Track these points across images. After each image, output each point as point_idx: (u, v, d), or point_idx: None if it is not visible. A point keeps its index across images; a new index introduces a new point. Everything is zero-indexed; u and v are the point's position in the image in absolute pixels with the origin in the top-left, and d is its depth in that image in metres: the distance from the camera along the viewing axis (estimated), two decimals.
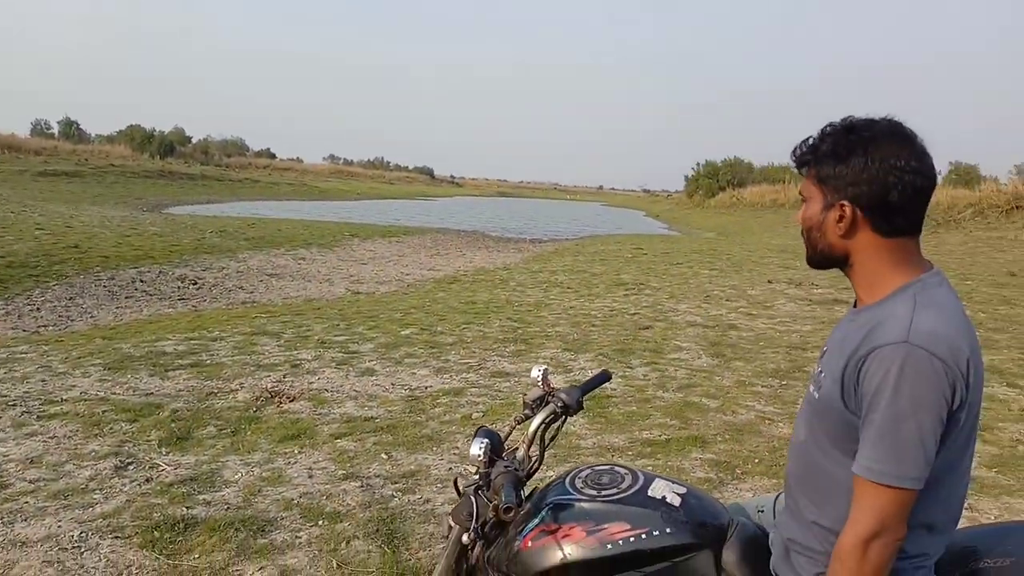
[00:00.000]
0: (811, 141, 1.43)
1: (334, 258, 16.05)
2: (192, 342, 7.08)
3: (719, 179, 51.13)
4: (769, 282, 12.60)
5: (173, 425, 4.80)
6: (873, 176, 1.34)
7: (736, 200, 43.71)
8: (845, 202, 1.37)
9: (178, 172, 46.03)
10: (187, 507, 3.69)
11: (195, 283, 11.63)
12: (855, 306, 1.49)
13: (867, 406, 1.31)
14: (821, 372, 1.47)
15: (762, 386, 6.07)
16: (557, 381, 2.04)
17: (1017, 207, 23.09)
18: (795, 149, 1.46)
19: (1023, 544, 1.50)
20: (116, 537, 3.37)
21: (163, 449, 4.42)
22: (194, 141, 73.21)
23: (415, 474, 4.14)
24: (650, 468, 4.24)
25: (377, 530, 3.48)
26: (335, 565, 3.19)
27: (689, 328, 8.50)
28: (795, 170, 1.47)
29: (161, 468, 4.15)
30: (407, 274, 14.12)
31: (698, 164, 55.65)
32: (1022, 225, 21.74)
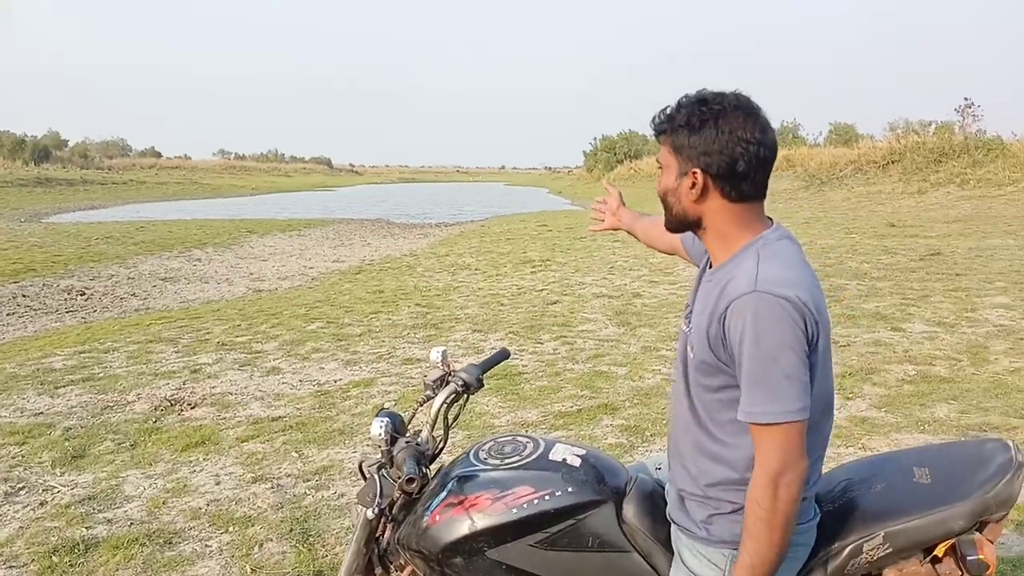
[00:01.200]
0: (668, 111, 1.48)
1: (232, 257, 15.52)
2: (83, 356, 6.71)
3: (616, 152, 52.15)
4: None
5: (67, 444, 4.54)
6: (723, 147, 1.41)
7: (634, 172, 44.69)
8: (697, 170, 1.45)
9: (56, 178, 43.33)
10: (87, 527, 3.51)
11: (83, 294, 11.00)
12: (710, 267, 1.57)
13: (737, 356, 1.38)
14: (691, 331, 1.53)
15: (667, 350, 6.24)
16: (472, 361, 2.04)
17: (892, 162, 24.50)
18: (653, 118, 1.52)
19: (893, 472, 1.60)
20: (10, 567, 3.17)
21: (57, 470, 4.18)
22: (71, 144, 68.86)
23: (327, 469, 4.07)
24: (564, 438, 4.31)
25: (291, 530, 3.41)
26: (249, 570, 3.10)
27: (595, 300, 8.65)
28: (654, 138, 1.53)
29: (56, 490, 3.92)
30: (310, 268, 13.80)
31: (595, 139, 56.60)
32: (898, 179, 23.09)
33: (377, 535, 1.88)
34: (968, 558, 1.40)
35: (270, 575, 3.05)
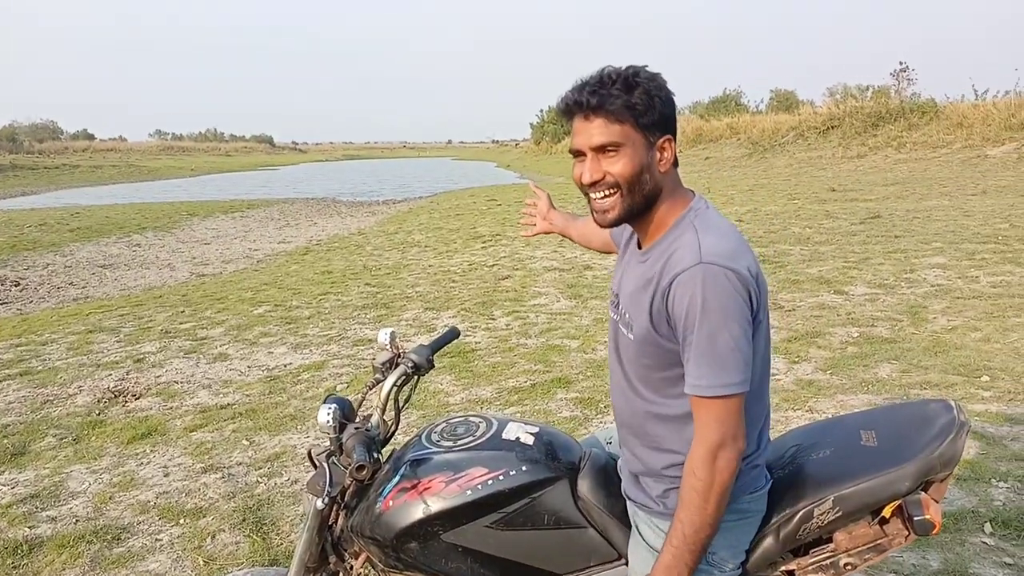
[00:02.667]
0: (611, 91, 1.39)
1: (173, 241, 15.10)
2: (19, 348, 6.47)
3: (563, 124, 52.07)
4: None
5: (5, 441, 4.39)
6: (673, 111, 1.45)
7: None
8: (669, 137, 1.44)
9: None
10: (30, 527, 3.40)
11: (17, 284, 10.60)
12: (638, 247, 1.55)
13: (682, 330, 1.38)
14: (626, 313, 1.53)
15: None
16: (423, 341, 2.00)
17: (832, 127, 25.01)
18: (590, 100, 1.40)
19: (840, 436, 1.63)
20: None
21: None
22: None
23: (280, 456, 4.00)
24: (518, 414, 4.32)
25: (244, 519, 3.35)
26: (201, 563, 3.04)
27: (547, 273, 8.66)
28: (583, 118, 1.42)
29: None
30: (256, 250, 13.51)
31: (542, 111, 56.40)
32: (838, 143, 23.60)
33: (330, 523, 1.84)
34: (915, 518, 1.44)
35: (224, 566, 2.99)
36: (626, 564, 1.62)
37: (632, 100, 1.38)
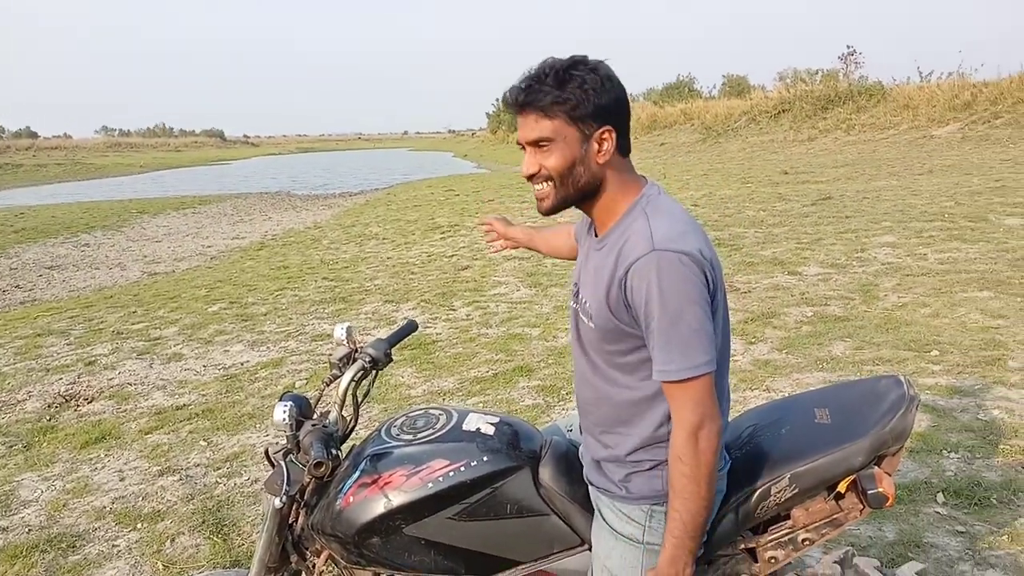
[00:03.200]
0: (544, 88, 1.39)
1: (123, 240, 14.74)
2: None
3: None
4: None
5: None
6: (616, 99, 1.42)
7: None
8: (607, 127, 1.43)
9: None
10: None
11: None
12: (595, 236, 1.55)
13: (644, 317, 1.38)
14: (586, 302, 1.53)
15: None
16: (382, 335, 1.98)
17: (783, 111, 25.42)
18: (525, 96, 1.41)
19: (796, 415, 1.66)
20: None
21: None
22: None
23: (239, 456, 3.94)
24: (480, 404, 4.31)
25: (203, 521, 3.29)
26: (160, 567, 2.98)
27: (506, 262, 8.65)
28: (518, 114, 1.44)
29: None
30: (209, 246, 13.25)
31: (498, 100, 56.28)
32: (789, 127, 23.99)
33: (290, 522, 1.82)
34: (869, 491, 1.47)
35: (184, 570, 2.94)
36: (589, 549, 1.62)
37: (564, 95, 1.38)
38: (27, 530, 3.35)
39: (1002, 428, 3.51)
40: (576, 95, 1.38)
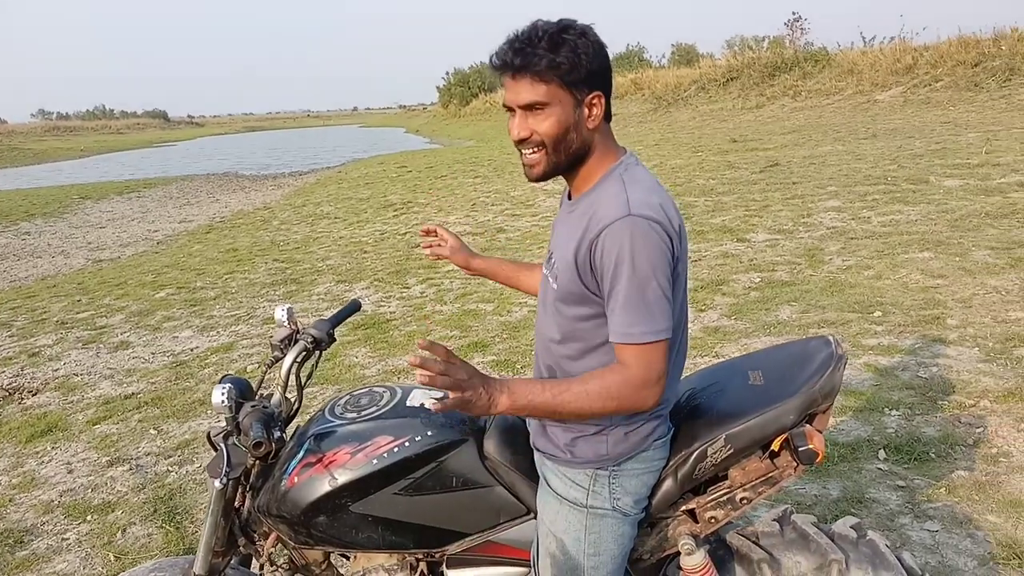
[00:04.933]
0: (538, 51, 1.38)
1: (65, 227, 14.30)
2: None
3: (471, 87, 51.55)
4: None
5: None
6: (604, 65, 1.44)
7: (490, 105, 44.45)
8: (598, 93, 1.44)
9: None
10: None
11: None
12: (569, 198, 1.57)
13: (609, 279, 1.39)
14: (555, 264, 1.54)
15: None
16: (321, 317, 1.96)
17: (732, 79, 25.60)
18: (516, 58, 1.40)
19: (730, 378, 1.70)
20: None
21: None
22: None
23: (190, 443, 3.89)
24: None
25: (155, 511, 3.25)
26: (112, 558, 2.94)
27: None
28: (510, 77, 1.42)
29: None
30: (155, 231, 12.94)
31: (448, 74, 55.63)
32: (738, 95, 24.19)
33: (237, 505, 1.81)
34: (800, 448, 1.51)
35: (137, 560, 2.90)
36: (535, 518, 1.65)
37: (558, 59, 1.38)
38: None
39: (941, 385, 3.63)
40: (570, 59, 1.38)
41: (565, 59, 1.38)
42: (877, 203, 7.69)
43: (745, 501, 1.58)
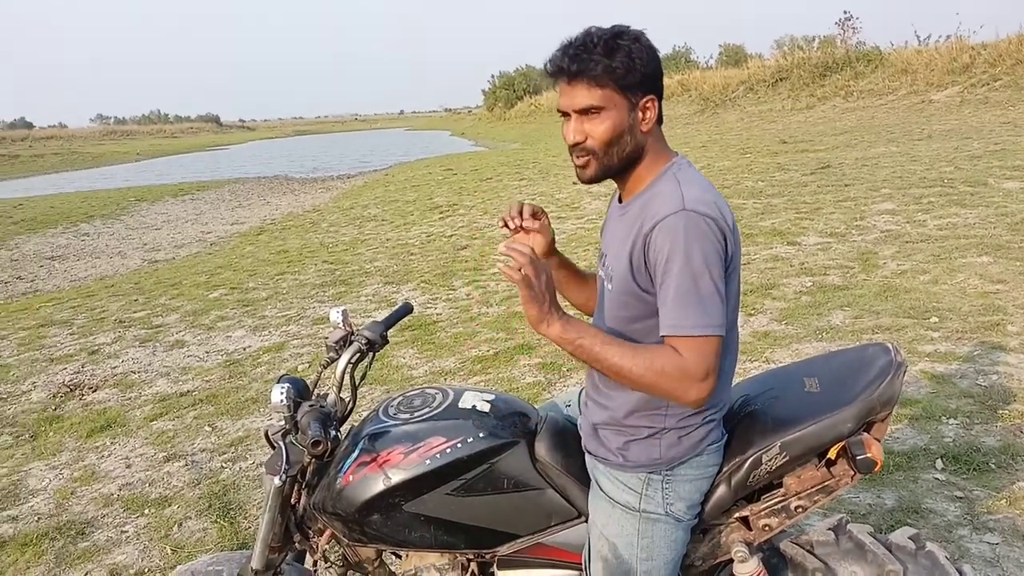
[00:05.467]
0: (594, 57, 1.41)
1: (122, 228, 14.75)
2: None
3: (516, 89, 51.66)
4: (574, 184, 13.03)
5: None
6: (656, 69, 1.46)
7: (535, 108, 44.49)
8: (651, 97, 1.46)
9: None
10: None
11: None
12: (620, 201, 1.58)
13: (661, 274, 1.39)
14: (610, 267, 1.55)
15: None
16: (381, 315, 2.00)
17: (781, 79, 25.19)
18: (572, 65, 1.42)
19: (785, 385, 1.67)
20: None
21: None
22: None
23: (244, 440, 3.97)
24: (481, 383, 4.34)
25: (210, 506, 3.33)
26: (169, 551, 3.02)
27: (505, 240, 8.63)
28: (566, 83, 1.44)
29: None
30: (208, 232, 13.26)
31: (493, 76, 55.84)
32: (787, 95, 23.80)
33: (292, 503, 1.85)
34: (858, 457, 1.48)
35: (192, 553, 2.98)
36: (586, 521, 1.65)
37: (613, 64, 1.41)
38: (36, 518, 3.40)
39: (1001, 393, 3.53)
40: (624, 63, 1.41)
41: (620, 64, 1.41)
42: (933, 206, 7.49)
43: (800, 509, 1.56)
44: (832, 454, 1.51)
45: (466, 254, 8.17)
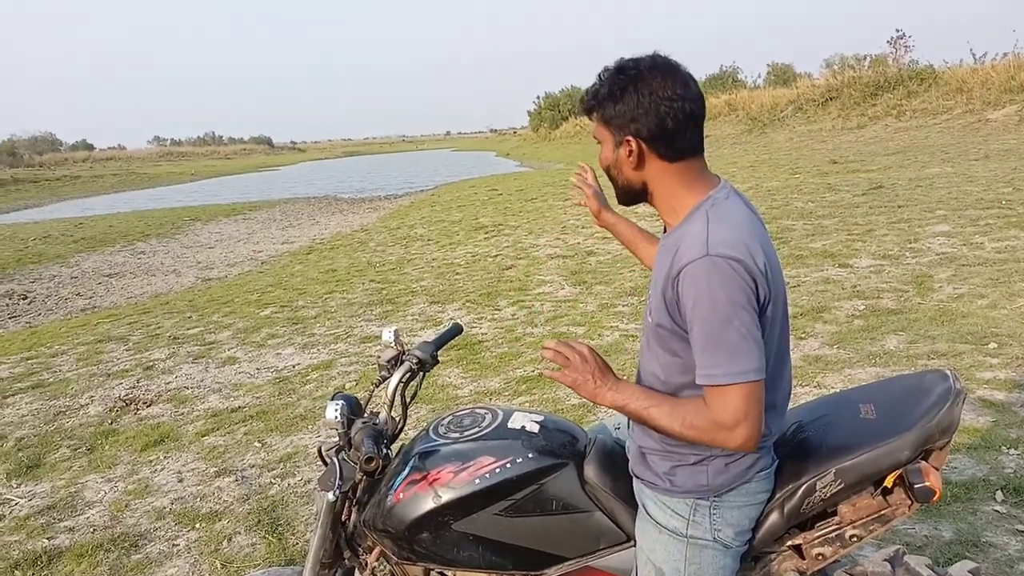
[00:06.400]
0: (593, 87, 1.51)
1: (177, 246, 15.16)
2: (30, 362, 6.52)
3: (561, 110, 51.90)
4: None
5: (20, 454, 4.44)
6: (646, 109, 1.43)
7: (580, 128, 44.56)
8: (630, 137, 1.47)
9: None
10: (48, 538, 3.44)
11: (25, 297, 10.67)
12: (664, 231, 1.59)
13: (690, 320, 1.39)
14: (649, 297, 1.56)
15: (622, 306, 6.30)
16: (428, 336, 2.03)
17: (831, 98, 24.84)
18: (581, 98, 1.56)
19: (840, 411, 1.64)
20: None
21: (13, 482, 4.09)
22: None
23: (292, 456, 4.03)
24: (526, 404, 4.34)
25: (259, 521, 3.38)
26: (219, 565, 3.07)
27: (550, 261, 8.67)
28: (585, 117, 1.57)
29: (13, 503, 3.84)
30: (259, 251, 13.55)
31: (539, 97, 56.21)
32: (837, 115, 23.44)
33: (343, 519, 1.87)
34: (915, 486, 1.45)
35: (241, 568, 3.03)
36: (634, 545, 1.64)
37: (599, 97, 1.49)
38: (92, 530, 3.49)
39: None
40: (601, 100, 1.48)
41: (601, 100, 1.48)
42: (991, 228, 7.29)
43: (855, 539, 1.53)
44: (888, 482, 1.48)
45: (511, 274, 8.20)
